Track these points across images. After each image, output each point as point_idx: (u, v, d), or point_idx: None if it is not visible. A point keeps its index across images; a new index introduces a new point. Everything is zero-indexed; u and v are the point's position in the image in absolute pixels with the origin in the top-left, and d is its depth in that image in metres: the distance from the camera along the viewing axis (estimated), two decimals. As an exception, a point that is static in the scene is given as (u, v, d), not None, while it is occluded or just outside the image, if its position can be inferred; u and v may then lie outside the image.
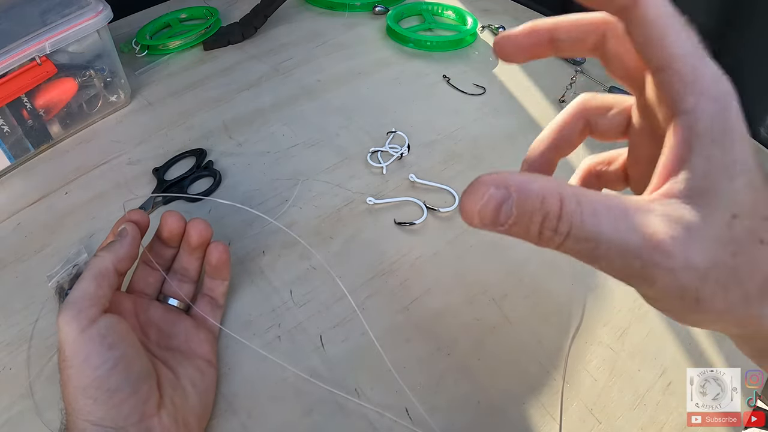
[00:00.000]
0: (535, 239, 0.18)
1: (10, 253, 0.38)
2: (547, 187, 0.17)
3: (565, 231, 0.17)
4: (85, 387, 0.23)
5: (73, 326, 0.24)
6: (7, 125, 0.42)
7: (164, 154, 0.46)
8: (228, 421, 0.30)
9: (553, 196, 0.17)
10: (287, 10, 0.66)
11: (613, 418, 0.31)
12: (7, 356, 0.32)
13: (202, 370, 0.29)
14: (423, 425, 0.29)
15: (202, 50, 0.59)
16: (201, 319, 0.32)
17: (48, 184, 0.43)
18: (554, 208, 0.17)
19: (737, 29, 0.54)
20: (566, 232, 0.17)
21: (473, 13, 0.64)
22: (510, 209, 0.17)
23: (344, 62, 0.58)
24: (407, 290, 0.36)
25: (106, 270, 0.26)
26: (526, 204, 0.17)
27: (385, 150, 0.46)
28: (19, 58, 0.39)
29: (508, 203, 0.17)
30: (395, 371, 0.30)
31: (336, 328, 0.34)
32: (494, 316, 0.35)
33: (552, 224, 0.17)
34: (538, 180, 0.17)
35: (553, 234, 0.17)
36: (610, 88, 0.52)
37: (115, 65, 0.48)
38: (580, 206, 0.17)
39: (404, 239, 0.40)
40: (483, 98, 0.54)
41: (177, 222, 0.32)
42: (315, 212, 0.41)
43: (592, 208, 0.17)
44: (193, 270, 0.33)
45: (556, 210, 0.17)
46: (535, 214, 0.17)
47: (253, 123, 0.50)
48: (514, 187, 0.17)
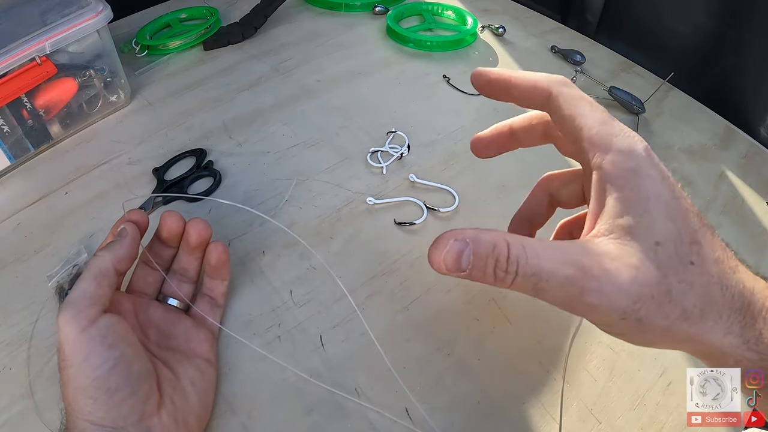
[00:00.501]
0: (492, 280, 0.21)
1: (10, 253, 0.38)
2: (497, 236, 0.21)
3: (513, 270, 0.21)
4: (85, 387, 0.23)
5: (72, 326, 0.24)
6: (7, 125, 0.42)
7: (164, 154, 0.46)
8: (228, 421, 0.30)
9: (501, 243, 0.21)
10: (287, 10, 0.66)
11: (613, 418, 0.31)
12: (7, 356, 0.32)
13: (202, 369, 0.29)
14: (423, 425, 0.29)
15: (202, 50, 0.59)
16: (201, 319, 0.32)
17: (48, 184, 0.43)
18: (503, 252, 0.21)
19: (737, 29, 0.54)
20: (515, 270, 0.21)
21: (473, 13, 0.64)
22: (468, 257, 0.21)
23: (344, 62, 0.58)
24: (407, 290, 0.36)
25: (105, 270, 0.26)
26: (480, 251, 0.21)
27: (385, 150, 0.46)
28: (19, 58, 0.39)
29: (467, 252, 0.21)
30: (395, 371, 0.30)
31: (336, 328, 0.34)
32: (494, 316, 0.35)
33: (503, 266, 0.21)
34: (489, 232, 0.22)
35: (505, 274, 0.21)
36: (610, 88, 0.53)
37: (115, 65, 0.48)
38: (524, 249, 0.21)
39: (404, 239, 0.40)
40: (483, 98, 0.53)
41: (176, 222, 0.32)
42: (315, 212, 0.41)
43: (534, 250, 0.21)
44: (193, 270, 0.33)
45: (505, 253, 0.21)
46: (488, 258, 0.21)
47: (253, 123, 0.50)
48: (470, 239, 0.21)
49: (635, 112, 0.52)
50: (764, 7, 0.51)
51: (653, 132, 0.51)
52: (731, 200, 0.45)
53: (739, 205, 0.45)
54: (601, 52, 0.62)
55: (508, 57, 0.60)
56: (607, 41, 0.64)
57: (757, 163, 0.49)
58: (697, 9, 0.57)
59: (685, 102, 0.56)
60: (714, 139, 0.51)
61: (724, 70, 0.57)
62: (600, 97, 0.54)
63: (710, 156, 0.49)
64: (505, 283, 0.21)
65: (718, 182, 0.47)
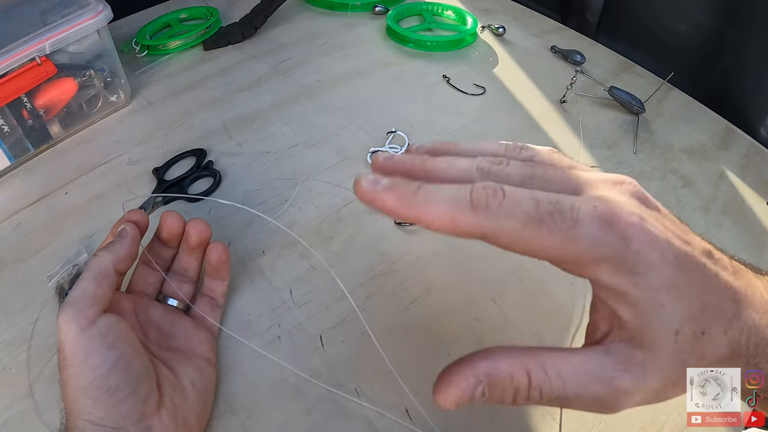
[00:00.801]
0: (510, 404, 0.20)
1: (10, 253, 0.38)
2: (514, 363, 0.19)
3: (536, 396, 0.19)
4: (85, 387, 0.23)
5: (72, 326, 0.24)
6: (7, 125, 0.42)
7: (164, 154, 0.46)
8: (228, 421, 0.30)
9: (520, 371, 0.19)
10: (287, 10, 0.66)
11: (613, 418, 0.31)
12: (7, 356, 0.32)
13: (202, 369, 0.29)
14: (423, 425, 0.29)
15: (202, 50, 0.59)
16: (201, 319, 0.32)
17: (48, 184, 0.43)
18: (523, 382, 0.19)
19: (737, 29, 0.54)
20: (538, 397, 0.19)
21: (473, 13, 0.64)
22: (482, 392, 0.19)
23: (344, 62, 0.58)
24: (407, 290, 0.36)
25: (105, 270, 0.26)
26: (497, 386, 0.19)
27: (385, 150, 0.46)
28: (19, 58, 0.39)
29: (479, 389, 0.19)
30: (395, 371, 0.30)
31: (336, 328, 0.34)
32: (494, 316, 0.35)
33: (524, 394, 0.19)
34: (505, 358, 0.19)
35: (525, 401, 0.19)
36: (610, 88, 0.52)
37: (115, 65, 0.48)
38: (547, 374, 0.19)
39: (404, 239, 0.40)
40: (483, 98, 0.54)
41: (176, 222, 0.32)
42: (315, 212, 0.41)
43: (557, 373, 0.19)
44: (193, 270, 0.33)
45: (525, 383, 0.19)
46: (506, 390, 0.19)
47: (253, 123, 0.50)
48: (483, 375, 0.19)
49: (635, 112, 0.52)
50: (764, 7, 0.51)
51: (653, 132, 0.51)
52: (731, 200, 0.45)
53: (739, 205, 0.45)
54: (601, 52, 0.62)
55: (508, 57, 0.60)
56: (607, 41, 0.63)
57: (757, 163, 0.49)
58: (697, 9, 0.57)
59: (685, 102, 0.56)
60: (714, 139, 0.51)
61: (724, 70, 0.57)
62: (600, 97, 0.54)
63: (710, 156, 0.49)
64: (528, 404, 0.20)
65: (718, 182, 0.47)
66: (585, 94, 0.54)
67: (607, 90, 0.53)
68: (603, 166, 0.47)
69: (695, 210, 0.44)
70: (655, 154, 0.49)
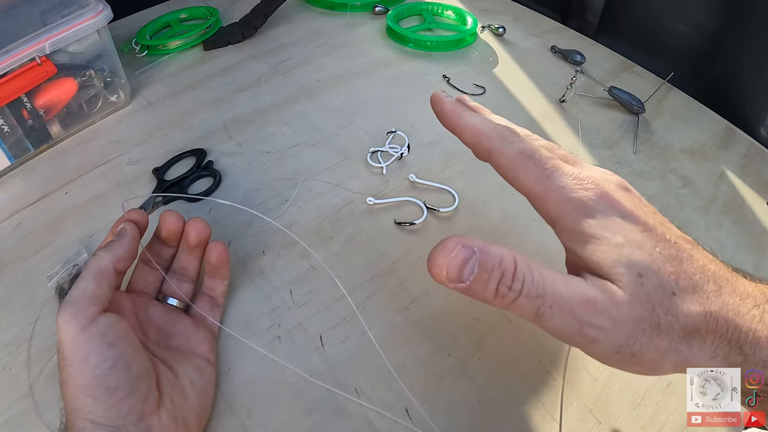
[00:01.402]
0: (491, 296, 0.21)
1: (10, 253, 0.38)
2: (504, 251, 0.21)
3: (518, 288, 0.20)
4: (85, 386, 0.23)
5: (72, 325, 0.24)
6: (7, 125, 0.42)
7: (164, 154, 0.46)
8: (228, 421, 0.30)
9: (509, 258, 0.20)
10: (287, 10, 0.66)
11: (613, 418, 0.31)
12: (7, 356, 0.32)
13: (202, 369, 0.29)
14: (423, 425, 0.29)
15: (202, 50, 0.59)
16: (200, 319, 0.32)
17: (48, 184, 0.43)
18: (510, 267, 0.20)
19: (737, 29, 0.54)
20: (519, 289, 0.20)
21: (473, 13, 0.64)
22: (473, 267, 0.20)
23: (344, 62, 0.58)
24: (407, 290, 0.36)
25: (105, 269, 0.26)
26: (487, 262, 0.20)
27: (385, 150, 0.46)
28: (19, 58, 0.39)
29: (472, 261, 0.20)
30: (395, 371, 0.30)
31: (336, 328, 0.34)
32: (494, 316, 0.35)
33: (507, 281, 0.20)
34: (497, 245, 0.21)
35: (507, 291, 0.20)
36: (610, 88, 0.52)
37: (115, 65, 0.48)
38: (531, 269, 0.20)
39: (404, 239, 0.40)
40: (483, 98, 0.54)
41: (175, 221, 0.32)
42: (315, 212, 0.41)
43: (540, 272, 0.21)
44: (193, 269, 0.33)
45: (512, 269, 0.20)
46: (494, 271, 0.20)
47: (253, 123, 0.50)
48: (477, 248, 0.20)
49: (635, 112, 0.52)
50: (764, 7, 0.51)
51: (653, 132, 0.51)
52: (731, 200, 0.45)
53: (739, 205, 0.45)
54: (601, 52, 0.62)
55: (508, 57, 0.60)
56: (607, 41, 0.64)
57: (757, 163, 0.49)
58: (697, 9, 0.57)
59: (685, 102, 0.56)
60: (714, 139, 0.51)
61: (724, 70, 0.57)
62: (600, 97, 0.54)
63: (710, 156, 0.49)
64: (506, 300, 0.20)
65: (718, 182, 0.47)
66: (585, 94, 0.54)
67: (607, 90, 0.53)
68: (603, 165, 0.46)
69: (695, 210, 0.44)
70: (655, 154, 0.49)
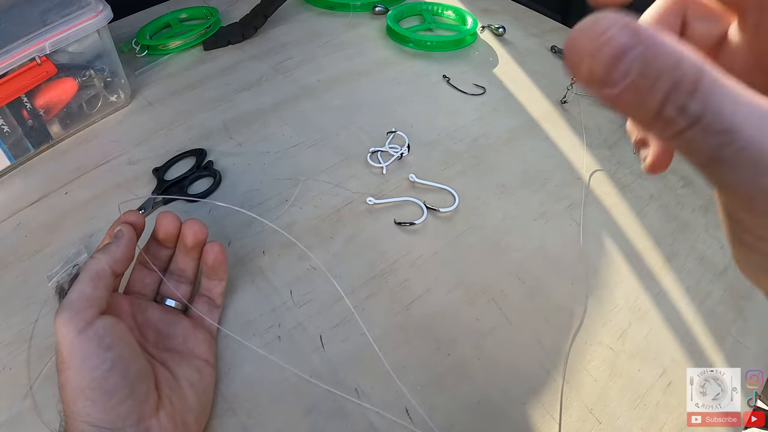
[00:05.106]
0: (651, 117, 0.13)
1: (10, 253, 0.38)
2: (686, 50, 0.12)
3: (695, 113, 0.12)
4: (83, 388, 0.23)
5: (70, 328, 0.24)
6: (7, 125, 0.42)
7: (164, 154, 0.46)
8: (228, 421, 0.30)
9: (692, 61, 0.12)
10: (287, 10, 0.66)
11: (613, 418, 0.31)
12: (7, 356, 0.32)
13: (201, 370, 0.29)
14: (423, 425, 0.29)
15: (202, 50, 0.59)
16: (199, 320, 0.32)
17: (48, 184, 0.43)
18: (690, 76, 0.12)
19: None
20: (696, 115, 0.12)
21: (473, 13, 0.64)
22: (632, 63, 0.12)
23: (344, 62, 0.58)
24: (407, 290, 0.36)
25: (102, 271, 0.26)
26: (657, 61, 0.12)
27: (385, 150, 0.46)
28: (19, 58, 0.39)
29: (633, 53, 0.12)
30: (395, 372, 0.30)
31: (336, 328, 0.34)
32: (494, 316, 0.35)
33: (681, 98, 0.12)
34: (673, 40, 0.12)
35: (677, 114, 0.12)
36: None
37: (115, 65, 0.48)
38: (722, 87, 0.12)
39: (404, 239, 0.40)
40: (483, 98, 0.54)
41: (172, 222, 0.32)
42: (315, 212, 0.41)
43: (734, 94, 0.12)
44: (190, 270, 0.33)
45: (692, 80, 0.12)
46: (663, 77, 0.12)
47: (253, 123, 0.50)
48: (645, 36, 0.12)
49: (635, 111, 0.52)
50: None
51: (653, 132, 0.51)
52: (731, 200, 0.45)
53: (740, 205, 0.45)
54: (602, 52, 0.62)
55: (508, 57, 0.60)
56: (607, 41, 0.63)
57: (758, 163, 0.49)
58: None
59: (686, 102, 0.56)
60: (714, 139, 0.51)
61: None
62: (600, 97, 0.54)
63: (710, 156, 0.49)
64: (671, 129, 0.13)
65: (719, 182, 0.46)
66: (585, 94, 0.54)
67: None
68: (603, 165, 0.47)
69: (695, 210, 0.44)
70: (656, 154, 0.49)
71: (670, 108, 0.12)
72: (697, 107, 0.12)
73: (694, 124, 0.12)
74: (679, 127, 0.12)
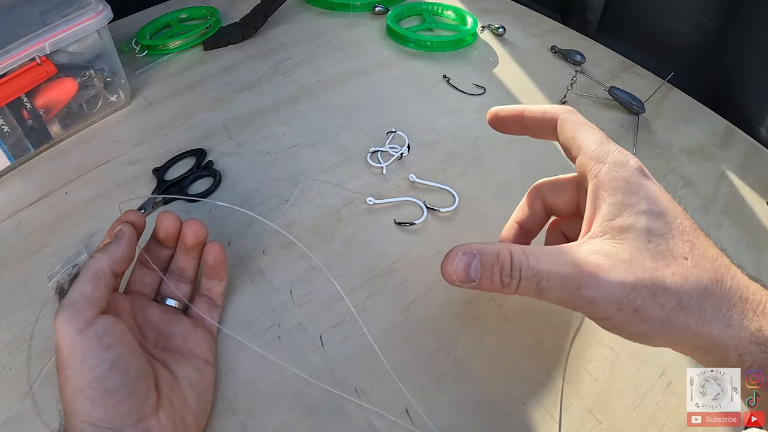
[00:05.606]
0: (499, 287, 0.24)
1: (10, 253, 0.38)
2: (500, 246, 0.24)
3: (517, 275, 0.23)
4: (83, 388, 0.23)
5: (70, 328, 0.24)
6: (7, 125, 0.42)
7: (164, 154, 0.46)
8: (228, 421, 0.30)
9: (504, 251, 0.24)
10: (287, 10, 0.66)
11: (613, 418, 0.31)
12: (7, 356, 0.32)
13: (200, 370, 0.29)
14: (423, 425, 0.29)
15: (202, 50, 0.59)
16: (199, 320, 0.32)
17: (48, 184, 0.43)
18: (507, 259, 0.23)
19: (737, 29, 0.54)
20: (518, 275, 0.23)
21: (473, 13, 0.64)
22: (476, 268, 0.24)
23: (344, 62, 0.58)
24: (407, 290, 0.36)
25: (102, 271, 0.26)
26: (486, 260, 0.24)
27: (385, 150, 0.46)
28: (19, 58, 0.39)
29: (474, 263, 0.24)
30: (396, 371, 0.30)
31: (336, 328, 0.34)
32: (494, 316, 0.35)
33: (507, 272, 0.23)
34: (493, 244, 0.24)
35: (510, 279, 0.23)
36: (610, 88, 0.52)
37: (115, 65, 0.48)
38: (525, 255, 0.23)
39: (404, 239, 0.40)
40: (483, 98, 0.54)
41: (172, 222, 0.32)
42: (315, 212, 0.41)
43: (534, 255, 0.23)
44: (190, 270, 0.33)
45: (509, 260, 0.23)
46: (494, 266, 0.24)
47: (253, 123, 0.50)
48: (476, 251, 0.24)
49: (635, 112, 0.52)
50: (764, 7, 0.51)
51: (653, 132, 0.51)
52: (731, 200, 0.45)
53: (739, 205, 0.45)
54: (601, 52, 0.62)
55: (508, 57, 0.60)
56: (607, 41, 0.63)
57: (757, 163, 0.49)
58: (697, 9, 0.57)
59: (685, 102, 0.56)
60: (714, 139, 0.51)
61: (724, 70, 0.57)
62: (600, 97, 0.54)
63: (710, 156, 0.49)
64: (511, 288, 0.23)
65: (718, 182, 0.47)
66: (585, 94, 0.54)
67: (607, 90, 0.53)
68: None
69: (695, 210, 0.44)
70: (655, 154, 0.49)
71: (505, 278, 0.24)
72: (516, 272, 0.23)
73: (521, 280, 0.23)
74: (515, 286, 0.23)
